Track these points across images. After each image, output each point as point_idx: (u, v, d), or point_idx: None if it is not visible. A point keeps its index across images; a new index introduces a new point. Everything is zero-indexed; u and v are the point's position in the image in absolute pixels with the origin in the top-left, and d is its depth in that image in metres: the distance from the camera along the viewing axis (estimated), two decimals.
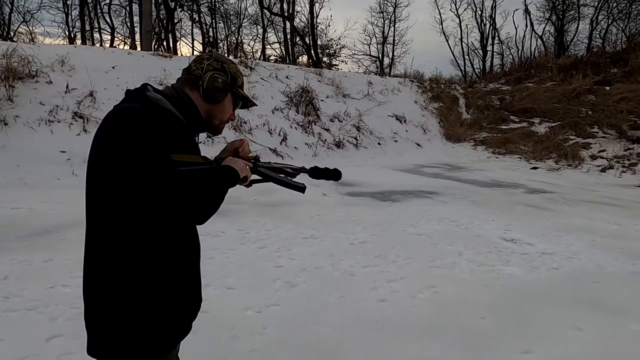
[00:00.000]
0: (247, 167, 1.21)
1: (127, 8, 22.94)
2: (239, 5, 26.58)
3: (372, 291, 3.10)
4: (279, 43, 27.91)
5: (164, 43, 21.78)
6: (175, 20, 23.16)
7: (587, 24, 24.89)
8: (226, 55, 25.89)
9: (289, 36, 25.07)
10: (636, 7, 24.07)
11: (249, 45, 28.71)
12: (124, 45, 22.84)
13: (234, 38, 27.75)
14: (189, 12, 24.35)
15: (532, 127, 14.15)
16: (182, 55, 17.32)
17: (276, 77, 12.80)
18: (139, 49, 16.06)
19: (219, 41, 26.99)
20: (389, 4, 28.49)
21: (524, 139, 13.43)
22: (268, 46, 28.07)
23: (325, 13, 46.49)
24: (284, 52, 26.84)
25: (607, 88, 14.31)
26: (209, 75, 1.18)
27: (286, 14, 23.46)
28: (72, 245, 3.64)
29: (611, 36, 24.52)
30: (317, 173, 1.37)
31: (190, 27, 26.58)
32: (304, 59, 26.72)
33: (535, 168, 11.42)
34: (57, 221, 4.45)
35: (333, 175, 1.37)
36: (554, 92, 15.25)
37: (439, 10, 43.47)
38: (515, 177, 9.90)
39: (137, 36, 20.44)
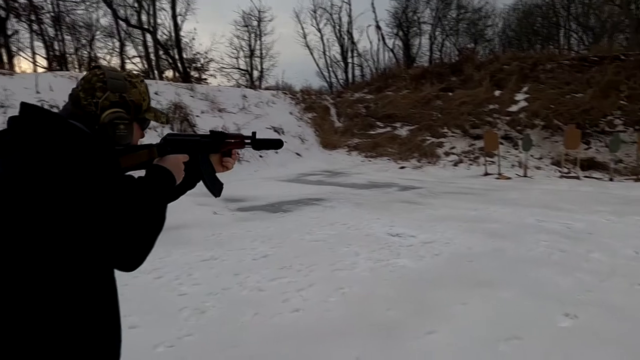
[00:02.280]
0: (182, 160, 1.15)
1: None
2: (90, 16, 24.00)
3: (284, 303, 3.13)
4: (140, 57, 26.19)
5: None
6: (10, 32, 20.06)
7: (427, 39, 28.70)
8: (78, 69, 23.30)
9: (150, 50, 23.69)
10: (462, 25, 28.54)
11: (104, 59, 26.29)
12: None
13: (85, 52, 25.13)
14: (27, 22, 21.31)
15: (395, 131, 15.72)
16: (23, 72, 15.05)
17: None
18: None
19: (67, 55, 24.14)
20: (253, 18, 28.92)
21: (390, 142, 14.84)
22: (127, 60, 26.11)
23: (189, 26, 45.06)
24: (146, 67, 25.26)
25: (450, 94, 16.65)
26: (109, 122, 1.00)
27: (148, 27, 22.09)
28: None
29: (446, 49, 28.65)
30: (259, 143, 1.36)
31: (29, 40, 23.28)
32: (169, 73, 25.50)
33: (402, 167, 12.71)
34: None
35: (275, 144, 1.39)
36: (409, 99, 17.18)
37: (301, 25, 45.53)
38: (388, 177, 10.88)
39: None
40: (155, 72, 24.16)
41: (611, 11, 24.98)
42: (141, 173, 1.09)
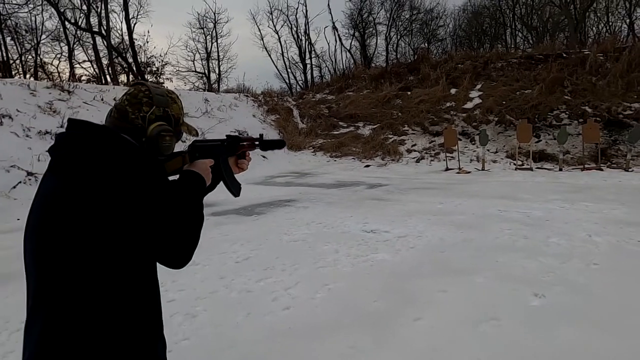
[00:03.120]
0: (209, 165, 1.25)
1: None
2: (34, 19, 22.79)
3: (274, 302, 3.22)
4: (91, 62, 25.18)
5: None
6: None
7: (383, 39, 29.39)
8: (22, 75, 22.10)
9: (101, 54, 22.83)
10: (415, 25, 29.44)
11: (52, 64, 25.09)
12: None
13: (30, 56, 23.87)
14: None
15: (358, 130, 16.04)
16: None
17: (102, 100, 11.61)
18: None
19: (11, 61, 22.82)
20: (208, 20, 28.50)
21: (354, 142, 15.15)
22: (77, 65, 25.02)
23: (141, 28, 43.61)
24: (97, 72, 24.31)
25: (409, 93, 17.20)
26: (156, 134, 1.09)
27: (99, 31, 21.27)
28: None
29: (402, 49, 29.46)
30: (266, 144, 1.47)
31: None
32: (123, 78, 24.69)
33: (367, 166, 13.02)
34: None
35: (279, 144, 1.51)
36: (370, 99, 17.58)
37: (258, 27, 45.37)
38: (354, 176, 11.13)
39: None
40: (108, 77, 23.31)
41: (552, 12, 26.64)
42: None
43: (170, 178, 1.17)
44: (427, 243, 4.63)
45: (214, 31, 28.51)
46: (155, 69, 26.84)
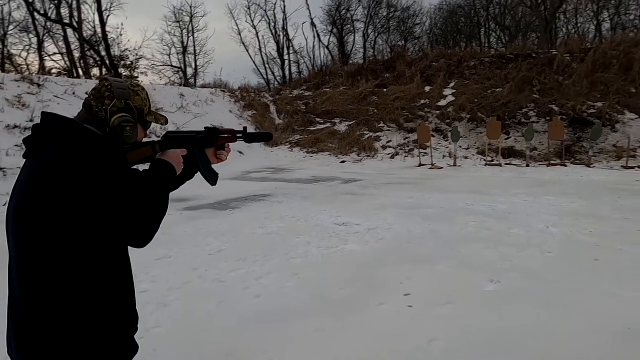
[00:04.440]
0: (181, 154, 1.35)
1: None
2: (0, 9, 22.00)
3: (245, 291, 3.33)
4: (62, 54, 24.50)
5: None
6: None
7: (361, 36, 29.63)
8: None
9: (73, 47, 22.26)
10: (392, 23, 29.78)
11: (20, 57, 24.31)
12: None
13: None
14: None
15: (335, 126, 16.20)
16: None
17: (74, 93, 11.39)
18: None
19: None
20: (185, 13, 28.12)
21: (330, 138, 15.30)
22: (47, 58, 24.31)
23: (115, 21, 42.53)
24: (69, 65, 23.68)
25: (385, 90, 17.45)
26: (117, 125, 1.17)
27: (70, 23, 20.72)
28: None
29: (379, 47, 29.77)
30: (250, 137, 1.56)
31: None
32: (96, 71, 24.13)
33: (343, 162, 13.20)
34: None
35: (265, 137, 1.59)
36: (347, 96, 17.75)
37: (235, 21, 44.97)
38: (330, 172, 11.28)
39: None
40: (80, 70, 22.76)
41: (524, 12, 27.40)
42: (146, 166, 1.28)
43: (142, 166, 1.27)
44: (396, 235, 4.82)
45: (190, 25, 28.20)
46: (129, 62, 26.34)
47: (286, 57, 29.11)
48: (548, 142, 11.58)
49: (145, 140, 1.35)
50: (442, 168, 11.42)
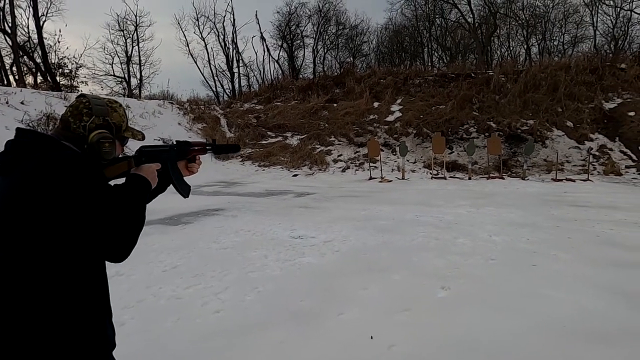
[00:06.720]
0: (155, 169, 1.36)
1: None
2: None
3: (204, 306, 3.29)
4: None
5: None
6: None
7: (310, 52, 30.15)
8: None
9: (3, 52, 20.82)
10: (341, 39, 30.61)
11: None
12: None
13: None
14: None
15: (286, 140, 16.30)
16: None
17: (7, 103, 10.65)
18: None
19: None
20: (129, 22, 27.25)
21: (282, 151, 15.37)
22: None
23: (52, 27, 40.06)
24: None
25: (335, 105, 17.85)
26: (96, 141, 1.18)
27: (2, 27, 19.38)
28: None
29: (328, 62, 30.42)
30: (219, 149, 1.59)
31: None
32: (30, 80, 22.68)
33: (295, 175, 13.29)
34: None
35: (233, 149, 1.62)
36: (298, 110, 17.96)
37: (183, 32, 44.10)
38: (283, 185, 11.32)
39: None
40: (11, 77, 21.28)
41: (463, 34, 29.25)
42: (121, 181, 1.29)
43: (118, 181, 1.28)
44: (351, 246, 4.95)
45: (135, 34, 27.29)
46: (67, 70, 24.98)
47: (235, 70, 28.96)
48: (487, 156, 12.38)
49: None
50: (391, 181, 11.83)
